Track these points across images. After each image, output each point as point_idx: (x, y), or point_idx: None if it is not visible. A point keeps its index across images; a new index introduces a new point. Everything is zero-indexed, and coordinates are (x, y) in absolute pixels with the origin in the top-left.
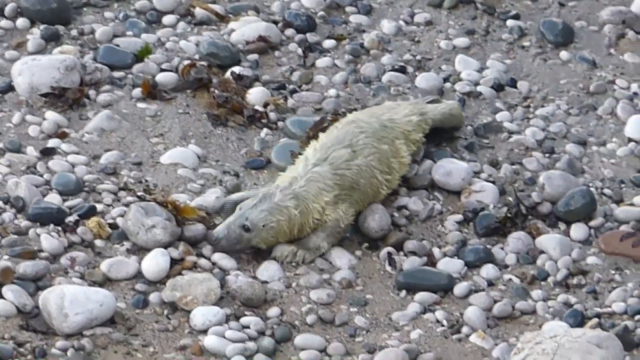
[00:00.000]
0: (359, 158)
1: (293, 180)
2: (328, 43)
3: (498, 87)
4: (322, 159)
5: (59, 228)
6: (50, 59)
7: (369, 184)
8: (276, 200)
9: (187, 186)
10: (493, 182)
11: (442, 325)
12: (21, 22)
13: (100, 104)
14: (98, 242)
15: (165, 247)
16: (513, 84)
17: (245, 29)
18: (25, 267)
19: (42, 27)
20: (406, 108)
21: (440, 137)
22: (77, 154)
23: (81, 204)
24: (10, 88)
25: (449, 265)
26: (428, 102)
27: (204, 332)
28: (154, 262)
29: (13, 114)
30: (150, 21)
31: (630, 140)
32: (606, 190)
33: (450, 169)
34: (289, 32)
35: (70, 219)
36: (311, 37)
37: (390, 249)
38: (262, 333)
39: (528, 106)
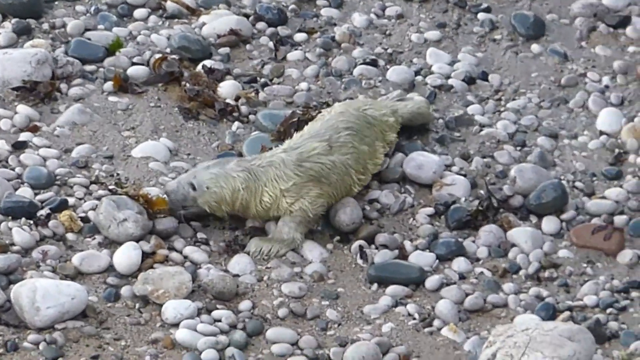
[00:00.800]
0: (334, 154)
1: (257, 158)
2: (299, 36)
3: (469, 80)
4: (293, 147)
5: (31, 222)
6: (21, 52)
7: (342, 181)
8: (227, 167)
9: (159, 179)
10: (464, 175)
11: (414, 319)
12: None
13: (72, 98)
14: (70, 236)
15: (137, 241)
16: (484, 77)
17: (216, 22)
18: None
19: (13, 20)
20: (382, 107)
21: (411, 130)
22: (49, 147)
23: (53, 198)
24: None
25: (421, 258)
26: (397, 100)
27: (176, 325)
28: (126, 256)
29: None
30: (121, 15)
31: (601, 133)
32: (578, 183)
33: (421, 162)
34: (260, 25)
35: (42, 212)
36: (282, 31)
37: (361, 242)
38: (233, 326)
39: (499, 99)
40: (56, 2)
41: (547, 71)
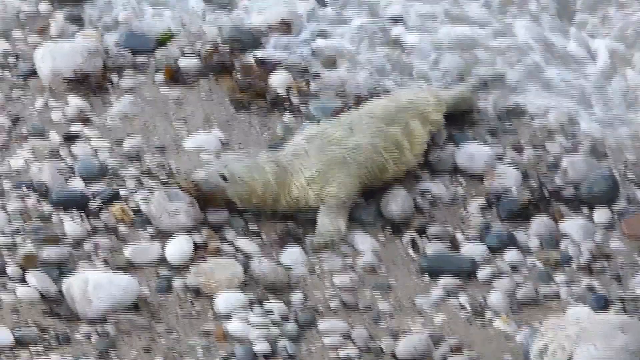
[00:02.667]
0: (357, 135)
1: (283, 149)
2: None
3: None
4: (316, 136)
5: (83, 213)
6: (72, 44)
7: (372, 160)
8: (258, 159)
9: None
10: (516, 166)
11: (466, 310)
12: (44, 6)
13: (123, 89)
14: (121, 228)
15: (189, 232)
16: None
17: (267, 13)
18: (48, 252)
19: (64, 11)
20: (424, 91)
21: (462, 121)
22: (100, 138)
23: (104, 189)
24: (33, 73)
25: (472, 249)
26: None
27: (228, 317)
28: (178, 248)
29: (36, 99)
30: (173, 5)
31: None
32: (629, 174)
33: (472, 153)
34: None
35: (94, 204)
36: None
37: (413, 233)
38: (285, 318)
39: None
40: None
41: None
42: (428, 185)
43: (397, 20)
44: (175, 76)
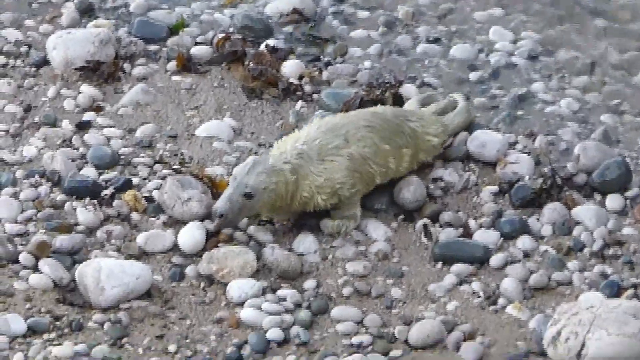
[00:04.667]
0: (351, 147)
1: (283, 151)
2: (362, 14)
3: (533, 58)
4: (313, 139)
5: (95, 201)
6: (84, 32)
7: (364, 171)
8: (271, 163)
9: (223, 159)
10: (528, 153)
11: (479, 297)
12: None
13: (135, 78)
14: (134, 216)
15: (202, 220)
16: (548, 54)
17: (279, 1)
18: (61, 240)
19: (76, 0)
20: (431, 124)
21: (474, 108)
22: (113, 127)
23: (117, 178)
24: (45, 62)
25: (485, 236)
26: (423, 99)
27: (241, 304)
28: (190, 235)
29: (48, 87)
30: None
31: None
32: None
33: (485, 140)
34: (324, 3)
35: (106, 192)
36: (346, 9)
37: (426, 220)
38: (298, 305)
39: (563, 77)
40: None
41: (612, 48)
42: (441, 173)
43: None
44: (187, 64)
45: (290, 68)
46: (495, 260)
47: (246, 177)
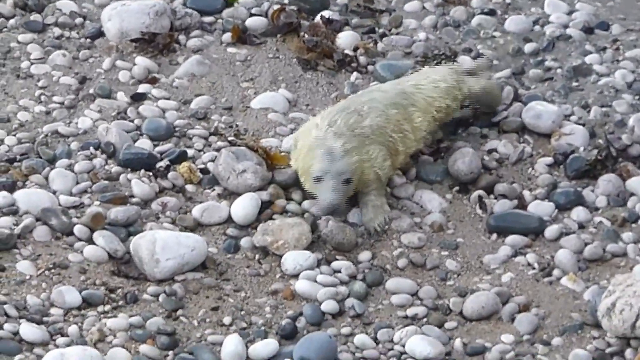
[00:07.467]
0: (367, 120)
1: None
2: None
3: (587, 30)
4: (334, 123)
5: (150, 173)
6: (140, 4)
7: (386, 141)
8: (338, 146)
9: (277, 130)
10: (583, 125)
11: (533, 268)
12: None
13: (190, 49)
14: (189, 187)
15: (256, 192)
16: (603, 26)
17: None
18: (116, 212)
19: None
20: (439, 73)
21: (530, 79)
22: (168, 99)
23: (172, 149)
24: (100, 34)
25: (540, 208)
26: (467, 72)
27: (295, 276)
28: (245, 207)
29: (103, 59)
30: None
31: None
32: None
33: (540, 111)
34: None
35: (161, 164)
36: None
37: (480, 192)
38: (353, 277)
39: (617, 48)
40: None
41: None
42: (495, 144)
43: None
44: (242, 36)
45: (345, 39)
46: (550, 231)
47: (334, 166)
